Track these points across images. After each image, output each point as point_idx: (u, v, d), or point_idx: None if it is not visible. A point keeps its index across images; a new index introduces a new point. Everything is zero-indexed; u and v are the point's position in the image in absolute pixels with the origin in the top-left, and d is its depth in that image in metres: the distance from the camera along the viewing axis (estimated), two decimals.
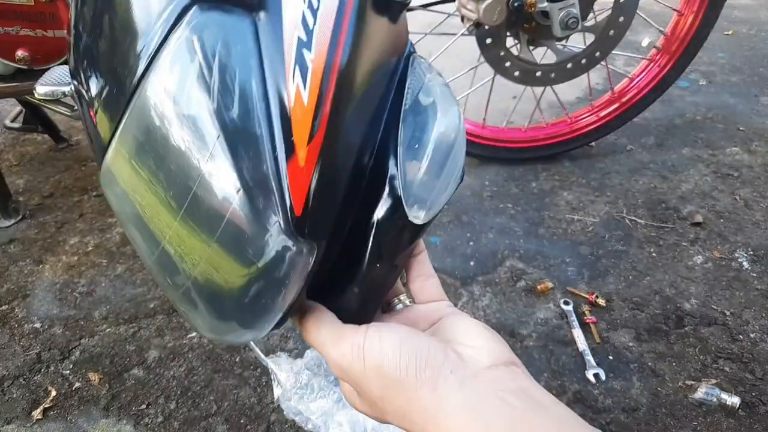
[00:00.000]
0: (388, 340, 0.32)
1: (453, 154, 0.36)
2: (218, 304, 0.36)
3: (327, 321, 0.36)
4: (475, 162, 1.44)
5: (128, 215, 0.36)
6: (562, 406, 0.31)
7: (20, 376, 0.91)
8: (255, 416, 0.83)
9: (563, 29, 1.11)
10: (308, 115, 0.30)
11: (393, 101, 0.36)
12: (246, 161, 0.31)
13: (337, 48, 0.30)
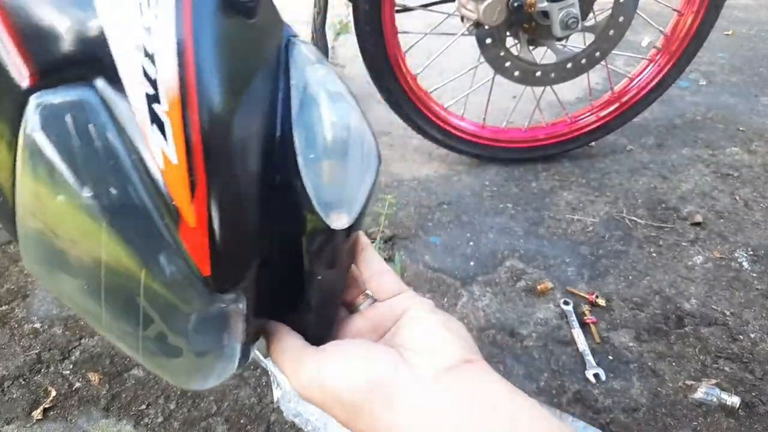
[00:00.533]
0: (341, 365, 0.32)
1: (351, 145, 0.33)
2: (177, 353, 0.34)
3: (288, 347, 0.36)
4: (475, 162, 1.44)
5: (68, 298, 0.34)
6: (519, 398, 0.31)
7: (20, 377, 0.91)
8: (255, 416, 0.83)
9: (563, 29, 1.11)
10: (181, 172, 0.27)
11: (283, 103, 0.33)
12: (138, 239, 0.29)
13: (187, 89, 0.27)
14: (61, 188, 0.28)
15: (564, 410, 0.82)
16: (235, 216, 0.30)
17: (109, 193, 0.28)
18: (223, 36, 0.28)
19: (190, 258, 0.29)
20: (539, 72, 1.23)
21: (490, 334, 0.96)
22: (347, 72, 1.98)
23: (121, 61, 0.27)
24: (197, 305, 0.31)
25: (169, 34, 0.27)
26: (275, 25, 0.34)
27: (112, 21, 0.27)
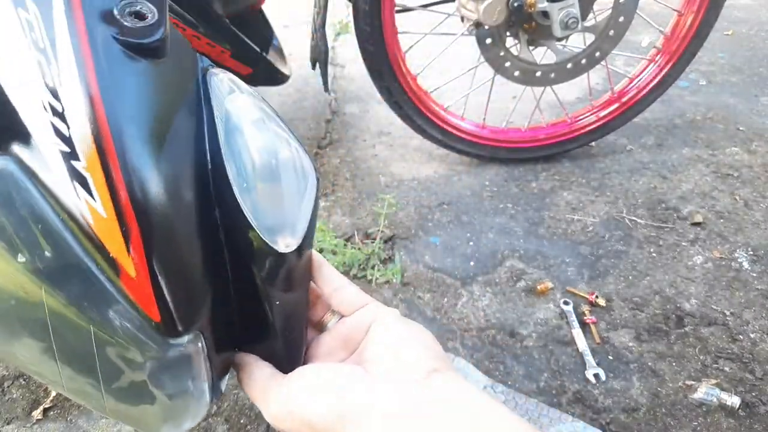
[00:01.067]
0: (308, 393, 0.33)
1: (282, 166, 0.33)
2: (143, 403, 0.34)
3: (255, 377, 0.36)
4: (475, 162, 1.44)
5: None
6: (489, 403, 0.31)
7: (20, 376, 0.91)
8: (255, 416, 0.83)
9: (563, 29, 1.11)
10: (113, 225, 0.27)
11: (210, 136, 0.32)
12: (81, 298, 0.29)
13: (103, 140, 0.26)
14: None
15: (564, 410, 0.82)
16: (176, 259, 0.30)
17: (44, 257, 0.28)
18: (132, 82, 0.28)
19: (138, 306, 0.29)
20: (539, 72, 1.23)
21: (490, 334, 0.96)
22: (347, 72, 1.98)
23: (32, 124, 0.27)
24: (154, 352, 0.31)
25: (75, 89, 0.26)
26: (187, 58, 0.34)
27: (13, 85, 0.27)
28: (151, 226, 0.28)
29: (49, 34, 0.27)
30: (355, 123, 1.65)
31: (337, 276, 0.41)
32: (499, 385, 0.85)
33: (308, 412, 0.32)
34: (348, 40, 2.27)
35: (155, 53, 0.30)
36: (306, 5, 1.38)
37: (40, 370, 0.32)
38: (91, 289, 0.28)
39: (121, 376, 0.32)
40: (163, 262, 0.29)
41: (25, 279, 0.28)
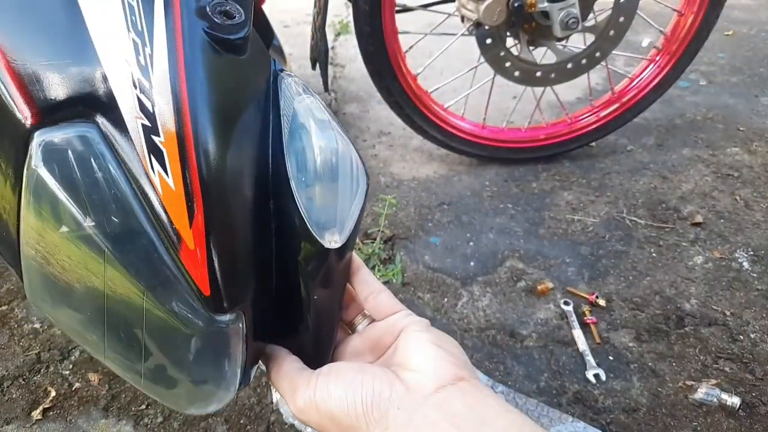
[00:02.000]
0: (335, 388, 0.33)
1: (341, 167, 0.35)
2: (177, 382, 0.36)
3: (285, 370, 0.37)
4: (475, 162, 1.44)
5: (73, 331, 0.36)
6: (511, 414, 0.32)
7: (20, 377, 0.91)
8: (255, 416, 0.83)
9: (563, 29, 1.11)
10: (180, 199, 0.29)
11: (274, 132, 0.35)
12: (140, 264, 0.30)
13: (183, 121, 0.29)
14: (64, 219, 0.30)
15: (564, 410, 0.82)
16: (231, 239, 0.32)
17: (111, 221, 0.30)
18: (214, 72, 0.31)
19: (191, 278, 0.31)
20: (539, 72, 1.23)
21: (490, 334, 0.96)
22: (347, 72, 1.98)
23: (120, 97, 0.29)
24: (198, 326, 0.32)
25: (164, 71, 0.29)
26: (264, 60, 0.37)
27: (111, 61, 0.29)
28: (213, 204, 0.30)
29: (148, 18, 0.30)
30: (355, 123, 1.65)
31: (373, 281, 0.42)
32: (499, 385, 0.85)
33: (335, 407, 0.33)
34: (348, 40, 2.27)
35: (238, 50, 0.33)
36: (306, 5, 1.37)
37: (89, 338, 0.34)
38: (151, 257, 0.30)
39: (160, 358, 0.33)
40: (219, 240, 0.31)
41: (88, 245, 0.30)
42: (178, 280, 0.31)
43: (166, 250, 0.30)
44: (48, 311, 0.34)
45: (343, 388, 0.33)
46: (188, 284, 0.31)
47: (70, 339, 0.97)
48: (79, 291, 0.32)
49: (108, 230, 0.30)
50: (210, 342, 0.33)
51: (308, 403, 0.34)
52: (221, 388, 0.36)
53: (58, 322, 0.35)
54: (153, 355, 0.33)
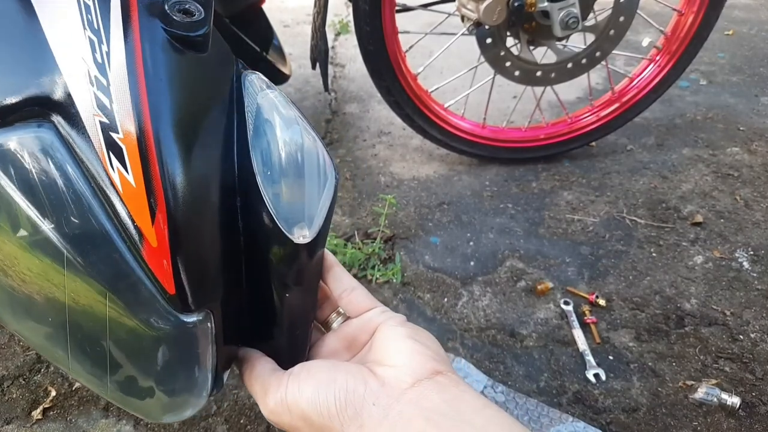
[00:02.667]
0: (307, 387, 0.33)
1: (307, 161, 0.34)
2: (148, 392, 0.35)
3: (257, 372, 0.36)
4: (475, 162, 1.44)
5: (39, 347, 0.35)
6: (489, 410, 0.31)
7: (20, 376, 0.91)
8: (255, 416, 0.83)
9: (563, 29, 1.11)
10: (141, 195, 0.29)
11: (239, 129, 0.35)
12: (102, 265, 0.30)
13: (143, 116, 0.28)
14: (21, 224, 0.29)
15: (564, 410, 0.82)
16: (196, 236, 0.31)
17: (71, 222, 0.29)
18: (173, 68, 0.30)
19: (155, 277, 0.30)
20: (539, 72, 1.23)
21: (490, 334, 0.96)
22: (347, 72, 1.98)
23: (77, 95, 0.28)
24: (164, 328, 0.31)
25: (121, 67, 0.28)
26: (226, 58, 0.36)
27: (67, 59, 0.29)
28: (177, 200, 0.29)
29: (104, 16, 0.29)
30: (355, 123, 1.65)
31: (347, 278, 0.41)
32: (499, 385, 0.85)
33: (306, 407, 0.32)
34: (348, 40, 2.27)
35: (198, 47, 0.33)
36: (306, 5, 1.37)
37: (53, 352, 0.33)
38: (113, 256, 0.30)
39: (129, 369, 0.33)
40: (183, 237, 0.30)
41: (47, 249, 0.29)
42: (141, 279, 0.30)
43: (128, 249, 0.30)
44: (11, 326, 0.33)
45: (314, 386, 0.32)
46: (152, 283, 0.30)
47: None
48: (40, 303, 0.31)
49: (67, 231, 0.29)
50: (178, 345, 0.33)
51: (279, 404, 0.33)
52: (193, 395, 0.35)
53: (24, 337, 0.34)
54: (122, 366, 0.33)
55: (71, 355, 0.32)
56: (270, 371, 0.36)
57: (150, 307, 0.31)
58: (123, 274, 0.30)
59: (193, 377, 0.34)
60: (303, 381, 0.33)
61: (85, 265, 0.30)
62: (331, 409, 0.31)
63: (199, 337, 0.33)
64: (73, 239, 0.29)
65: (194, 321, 0.32)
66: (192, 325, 0.32)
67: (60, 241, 0.29)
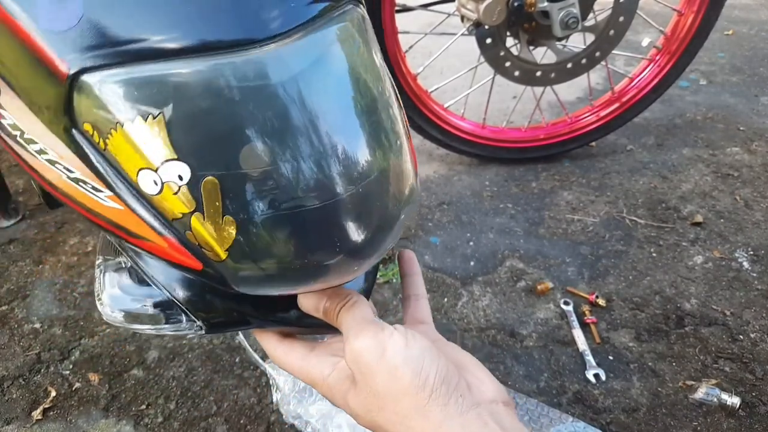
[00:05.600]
0: (415, 347, 0.33)
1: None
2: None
3: (356, 311, 0.36)
4: (475, 162, 1.44)
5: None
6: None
7: (20, 377, 0.91)
8: (255, 416, 0.83)
9: (563, 29, 1.11)
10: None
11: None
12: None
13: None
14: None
15: (564, 410, 0.82)
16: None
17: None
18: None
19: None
20: (539, 72, 1.23)
21: (490, 334, 0.96)
22: None
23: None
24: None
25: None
26: None
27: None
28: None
29: None
30: None
31: (421, 286, 0.44)
32: None
33: (405, 364, 0.32)
34: None
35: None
36: None
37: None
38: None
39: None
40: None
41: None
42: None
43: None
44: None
45: (422, 351, 0.33)
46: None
47: (70, 339, 0.97)
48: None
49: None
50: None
51: (371, 348, 0.33)
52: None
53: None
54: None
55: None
56: (371, 315, 0.36)
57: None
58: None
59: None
60: (412, 339, 0.33)
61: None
62: (430, 378, 0.32)
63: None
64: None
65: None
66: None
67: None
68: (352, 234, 0.31)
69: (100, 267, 0.41)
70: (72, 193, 0.33)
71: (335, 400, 0.37)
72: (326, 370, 0.37)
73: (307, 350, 0.39)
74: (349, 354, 0.34)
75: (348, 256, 0.32)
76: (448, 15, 1.29)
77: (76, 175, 0.32)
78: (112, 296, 0.39)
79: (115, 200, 0.31)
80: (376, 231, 0.32)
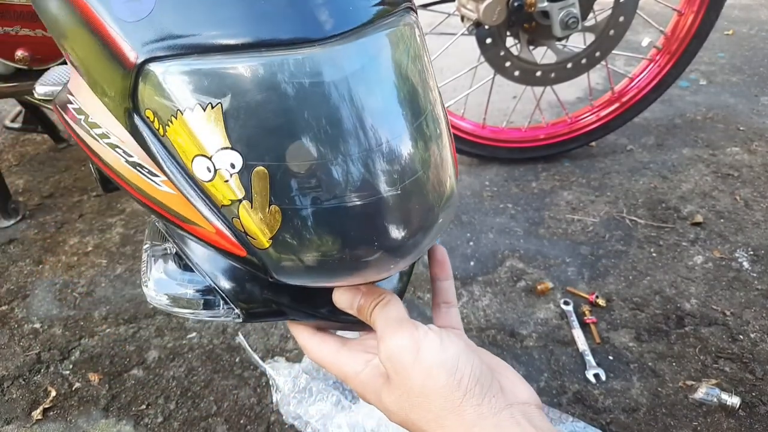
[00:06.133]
0: (451, 347, 0.34)
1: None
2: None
3: (390, 310, 0.36)
4: (475, 162, 1.44)
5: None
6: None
7: (20, 377, 0.91)
8: (255, 416, 0.83)
9: (563, 29, 1.11)
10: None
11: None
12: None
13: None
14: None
15: (564, 410, 0.82)
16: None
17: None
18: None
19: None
20: (539, 72, 1.23)
21: (490, 334, 0.96)
22: None
23: None
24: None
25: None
26: None
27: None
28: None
29: None
30: None
31: (452, 295, 0.44)
32: None
33: (440, 363, 0.33)
34: None
35: None
36: None
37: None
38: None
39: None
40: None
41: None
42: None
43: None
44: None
45: (458, 351, 0.33)
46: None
47: (70, 339, 0.97)
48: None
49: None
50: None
51: (406, 348, 0.33)
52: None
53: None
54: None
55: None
56: (405, 314, 0.36)
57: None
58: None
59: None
60: (447, 339, 0.34)
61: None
62: (464, 378, 0.32)
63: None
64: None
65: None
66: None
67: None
68: (391, 232, 0.32)
69: (148, 252, 0.42)
70: (129, 176, 0.34)
71: (367, 397, 0.37)
72: (359, 366, 0.37)
73: (339, 345, 0.39)
74: (383, 352, 0.34)
75: (386, 254, 0.33)
76: (448, 15, 1.29)
77: (135, 159, 0.33)
78: (157, 280, 0.40)
79: (169, 185, 0.32)
80: (415, 231, 0.33)
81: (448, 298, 0.43)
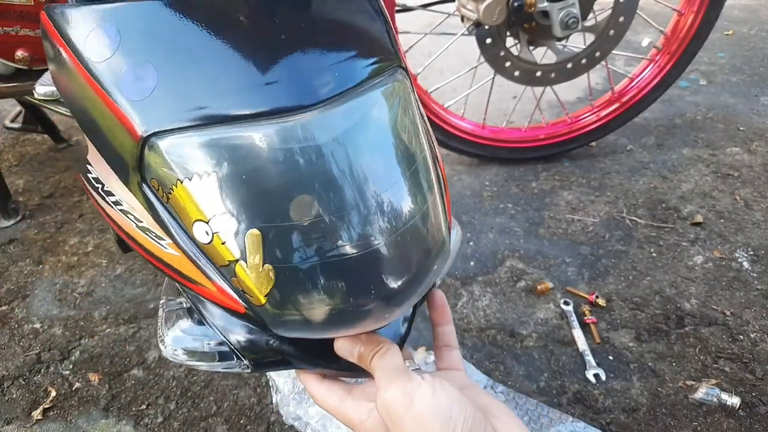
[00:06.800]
0: (443, 396, 0.34)
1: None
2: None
3: (387, 360, 0.37)
4: (475, 162, 1.44)
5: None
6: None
7: (20, 377, 0.91)
8: (255, 416, 0.83)
9: (563, 29, 1.11)
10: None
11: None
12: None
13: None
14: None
15: (564, 410, 0.82)
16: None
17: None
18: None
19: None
20: (539, 72, 1.23)
21: (490, 334, 0.96)
22: None
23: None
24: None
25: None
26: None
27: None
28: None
29: None
30: None
31: (453, 339, 0.45)
32: (499, 385, 0.85)
33: (432, 414, 0.33)
34: None
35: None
36: None
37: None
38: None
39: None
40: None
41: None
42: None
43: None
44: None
45: (451, 400, 0.34)
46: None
47: (70, 339, 0.97)
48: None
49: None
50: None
51: (400, 397, 0.34)
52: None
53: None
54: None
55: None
56: (401, 364, 0.37)
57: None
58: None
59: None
60: (440, 389, 0.34)
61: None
62: (458, 428, 0.32)
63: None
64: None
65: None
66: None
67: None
68: (385, 283, 0.33)
69: (163, 306, 0.45)
70: (140, 240, 0.37)
71: None
72: (363, 415, 0.38)
73: (345, 392, 0.40)
74: (380, 403, 0.35)
75: (381, 304, 0.34)
76: (448, 15, 1.29)
77: (144, 224, 0.36)
78: (174, 337, 0.42)
79: (174, 248, 0.35)
80: (409, 280, 0.34)
81: (449, 341, 0.45)
